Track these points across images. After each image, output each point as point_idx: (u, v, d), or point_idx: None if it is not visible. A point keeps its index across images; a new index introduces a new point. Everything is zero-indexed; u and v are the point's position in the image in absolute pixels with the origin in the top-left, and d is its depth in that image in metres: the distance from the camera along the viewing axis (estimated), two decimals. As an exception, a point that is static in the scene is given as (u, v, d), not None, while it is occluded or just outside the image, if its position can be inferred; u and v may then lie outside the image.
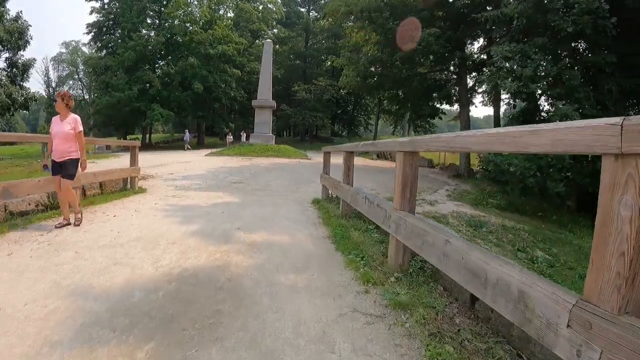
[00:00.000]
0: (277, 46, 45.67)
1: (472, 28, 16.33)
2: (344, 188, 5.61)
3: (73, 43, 70.57)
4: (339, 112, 49.71)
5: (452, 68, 19.06)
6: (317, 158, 20.30)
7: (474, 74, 18.54)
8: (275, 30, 49.59)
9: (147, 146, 39.51)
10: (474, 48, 19.92)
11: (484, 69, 16.03)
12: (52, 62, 70.23)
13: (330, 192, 7.46)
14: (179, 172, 11.85)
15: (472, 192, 12.53)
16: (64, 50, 71.50)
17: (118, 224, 4.93)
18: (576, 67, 11.12)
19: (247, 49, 44.36)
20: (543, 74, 10.81)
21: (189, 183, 9.55)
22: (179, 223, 5.07)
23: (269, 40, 28.70)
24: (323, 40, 49.96)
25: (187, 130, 34.65)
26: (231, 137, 33.37)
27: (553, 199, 11.09)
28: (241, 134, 33.75)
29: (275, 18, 48.04)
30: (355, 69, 19.72)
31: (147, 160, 15.36)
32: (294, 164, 16.44)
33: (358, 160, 13.68)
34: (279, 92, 37.38)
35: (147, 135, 45.99)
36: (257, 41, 46.48)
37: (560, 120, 9.66)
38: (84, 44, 61.00)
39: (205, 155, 20.98)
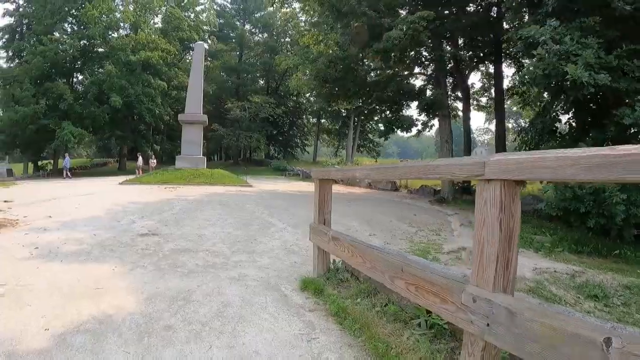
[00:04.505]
0: (209, 62, 40.65)
1: (464, 16, 13.14)
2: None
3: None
4: (274, 132, 44.59)
5: (430, 69, 15.72)
6: (259, 185, 17.21)
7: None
8: (206, 46, 44.40)
9: (60, 173, 30.64)
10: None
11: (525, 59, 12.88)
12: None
13: (335, 261, 3.57)
14: (62, 214, 7.29)
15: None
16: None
17: None
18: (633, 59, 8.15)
19: (176, 62, 38.80)
20: (603, 62, 7.78)
21: (63, 239, 5.32)
22: None
23: (200, 42, 23.91)
24: (257, 56, 45.70)
25: (67, 155, 28.73)
26: (154, 161, 27.70)
27: (624, 232, 7.96)
28: (138, 155, 28.47)
29: (207, 30, 42.99)
30: (313, 68, 15.61)
31: (40, 191, 12.22)
32: (234, 195, 11.82)
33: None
34: (210, 112, 31.92)
35: (60, 160, 37.99)
36: (186, 56, 41.06)
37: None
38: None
39: (120, 183, 16.57)
